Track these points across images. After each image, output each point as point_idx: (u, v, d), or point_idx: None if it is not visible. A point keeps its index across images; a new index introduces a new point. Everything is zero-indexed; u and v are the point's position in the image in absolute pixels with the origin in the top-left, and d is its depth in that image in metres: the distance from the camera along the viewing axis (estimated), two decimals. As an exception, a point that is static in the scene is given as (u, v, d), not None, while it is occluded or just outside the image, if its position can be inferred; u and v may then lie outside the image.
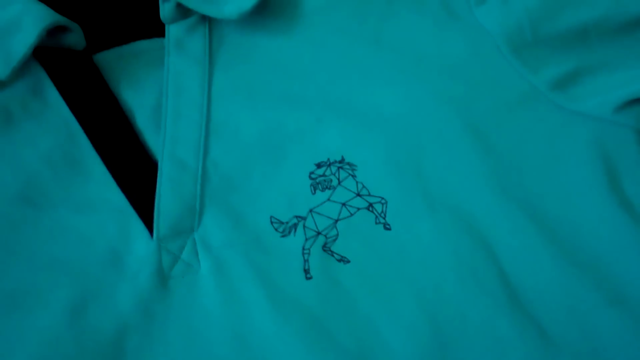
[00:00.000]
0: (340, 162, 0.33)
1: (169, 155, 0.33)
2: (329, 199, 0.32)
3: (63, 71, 0.35)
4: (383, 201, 0.32)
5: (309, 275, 0.31)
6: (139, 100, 0.35)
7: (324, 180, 0.33)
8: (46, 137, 0.34)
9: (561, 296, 0.30)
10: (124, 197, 0.32)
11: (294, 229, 0.32)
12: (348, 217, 0.32)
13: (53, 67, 0.35)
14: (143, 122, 0.35)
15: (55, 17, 0.33)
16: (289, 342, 0.29)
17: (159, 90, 0.35)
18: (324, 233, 0.31)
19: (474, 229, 0.31)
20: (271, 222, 0.32)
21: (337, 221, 0.32)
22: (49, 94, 0.35)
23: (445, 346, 0.29)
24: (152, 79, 0.36)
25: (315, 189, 0.32)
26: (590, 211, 0.31)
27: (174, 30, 0.36)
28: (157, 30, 0.36)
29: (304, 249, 0.31)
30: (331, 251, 0.31)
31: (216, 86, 0.35)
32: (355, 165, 0.33)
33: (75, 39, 0.35)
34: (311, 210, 0.32)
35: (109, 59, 0.36)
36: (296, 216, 0.32)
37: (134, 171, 0.33)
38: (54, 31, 0.34)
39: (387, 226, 0.31)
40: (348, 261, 0.31)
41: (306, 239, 0.31)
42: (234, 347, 0.30)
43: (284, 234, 0.32)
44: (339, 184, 0.32)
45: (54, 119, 0.34)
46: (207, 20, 0.36)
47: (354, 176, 0.32)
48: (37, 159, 0.33)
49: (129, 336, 0.30)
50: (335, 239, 0.31)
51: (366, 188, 0.32)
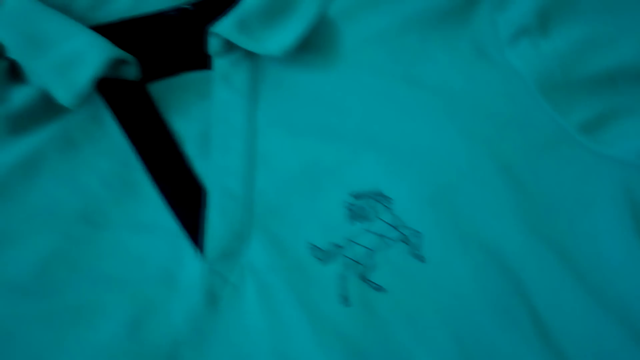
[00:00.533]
0: (376, 194, 0.35)
1: (217, 183, 0.35)
2: (366, 230, 0.34)
3: (119, 100, 0.38)
4: (418, 234, 0.34)
5: (346, 302, 0.33)
6: (187, 128, 0.38)
7: (361, 212, 0.35)
8: (104, 161, 0.37)
9: (589, 334, 0.32)
10: (174, 220, 0.35)
11: (332, 257, 0.34)
12: (384, 248, 0.34)
13: (111, 96, 0.38)
14: (191, 148, 0.37)
15: (116, 52, 0.36)
16: (327, 364, 0.32)
17: (206, 119, 0.37)
18: (361, 262, 0.34)
19: (506, 265, 0.33)
20: (311, 250, 0.34)
21: (373, 251, 0.34)
22: (106, 121, 0.37)
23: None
24: (200, 108, 0.38)
25: (352, 219, 0.35)
26: (617, 252, 0.33)
27: (220, 64, 0.38)
28: (205, 63, 0.39)
29: (342, 276, 0.33)
30: (368, 280, 0.33)
31: (260, 118, 0.37)
32: (391, 199, 0.35)
33: (132, 70, 0.37)
34: (349, 240, 0.34)
35: (161, 89, 0.38)
36: (334, 245, 0.34)
37: (184, 196, 0.36)
38: (113, 63, 0.37)
39: (422, 259, 0.34)
40: (384, 290, 0.33)
41: (344, 267, 0.34)
42: (276, 366, 0.32)
43: (323, 261, 0.34)
44: (376, 216, 0.35)
45: (111, 144, 0.37)
46: (251, 55, 0.38)
47: (389, 209, 0.35)
48: (96, 182, 0.36)
49: (181, 351, 0.32)
50: (371, 269, 0.33)
51: (401, 221, 0.34)
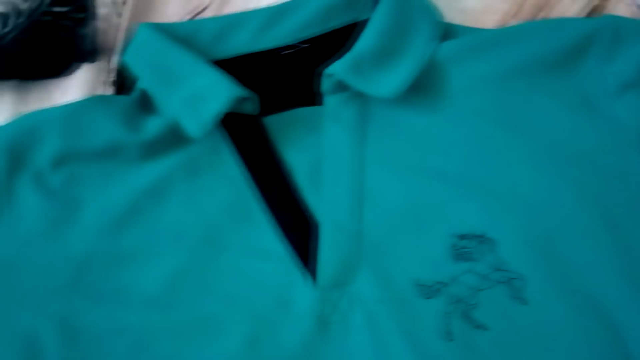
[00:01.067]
0: (481, 237, 0.37)
1: (327, 215, 0.38)
2: (470, 270, 0.36)
3: (238, 132, 0.41)
4: (520, 277, 0.35)
5: (450, 337, 0.35)
6: (298, 160, 0.40)
7: (466, 252, 0.37)
8: (223, 189, 0.40)
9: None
10: (287, 248, 0.38)
11: (436, 294, 0.36)
12: (487, 288, 0.36)
13: (230, 128, 0.41)
14: (302, 180, 0.40)
15: (240, 91, 0.39)
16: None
17: (315, 153, 0.40)
18: (463, 300, 0.36)
19: (603, 313, 0.34)
20: (416, 285, 0.36)
21: (476, 291, 0.36)
22: (226, 151, 0.40)
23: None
24: (310, 142, 0.41)
25: (457, 259, 0.37)
26: None
27: (331, 102, 0.40)
28: (316, 100, 0.41)
29: (445, 312, 0.35)
30: (470, 318, 0.35)
31: (367, 155, 0.40)
32: (495, 241, 0.36)
33: (252, 106, 0.40)
34: (453, 278, 0.36)
35: (274, 122, 0.41)
36: (438, 282, 0.36)
37: (296, 225, 0.38)
38: (236, 100, 0.39)
39: (523, 301, 0.35)
40: (486, 329, 0.35)
41: (448, 304, 0.36)
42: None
43: (427, 296, 0.36)
44: (480, 257, 0.36)
45: (230, 173, 0.40)
46: (361, 95, 0.40)
47: (493, 251, 0.36)
48: (216, 207, 0.39)
49: (295, 370, 0.36)
50: (474, 307, 0.35)
51: (504, 263, 0.36)
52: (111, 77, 0.44)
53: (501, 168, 0.38)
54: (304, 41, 0.43)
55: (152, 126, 0.40)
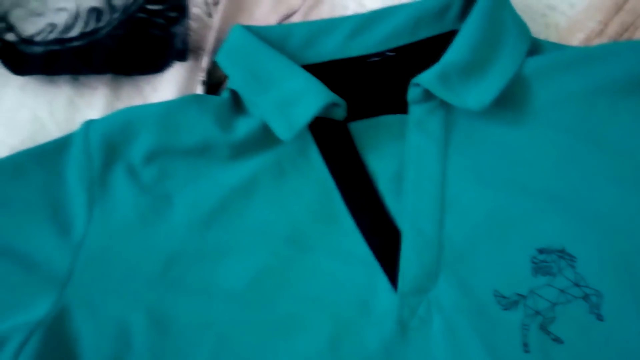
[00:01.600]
0: (560, 251, 0.38)
1: (410, 223, 0.39)
2: (548, 284, 0.37)
3: (324, 136, 0.42)
4: (598, 294, 0.37)
5: (527, 349, 0.36)
6: (381, 167, 0.42)
7: (545, 266, 0.38)
8: (308, 191, 0.41)
9: None
10: (369, 252, 0.39)
11: (515, 305, 0.37)
12: (564, 303, 0.37)
13: (317, 132, 0.42)
14: (384, 186, 0.41)
15: (331, 97, 0.40)
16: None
17: (399, 160, 0.41)
18: (541, 313, 0.37)
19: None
20: (495, 296, 0.37)
21: (554, 305, 0.37)
22: (312, 154, 0.42)
23: None
24: (394, 150, 0.42)
25: (536, 272, 0.38)
26: None
27: (416, 111, 0.42)
28: (401, 108, 0.42)
29: (523, 324, 0.37)
30: (547, 330, 0.36)
31: (450, 165, 0.41)
32: (575, 257, 0.37)
33: (340, 111, 0.42)
34: (532, 291, 0.37)
35: (359, 129, 0.43)
36: (517, 294, 0.37)
37: (378, 230, 0.40)
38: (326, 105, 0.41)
39: (600, 317, 0.36)
40: (562, 342, 0.36)
41: (526, 316, 0.37)
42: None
43: (505, 307, 0.37)
44: (559, 271, 0.37)
45: (315, 175, 0.41)
46: (446, 105, 0.41)
47: (572, 267, 0.37)
48: (301, 208, 0.41)
49: (374, 372, 0.37)
50: (551, 321, 0.37)
51: (583, 279, 0.37)
52: (202, 77, 0.45)
53: (583, 184, 0.39)
54: (391, 50, 0.44)
55: (243, 127, 0.42)
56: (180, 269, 0.39)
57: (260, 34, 0.43)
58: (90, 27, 0.47)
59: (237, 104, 0.43)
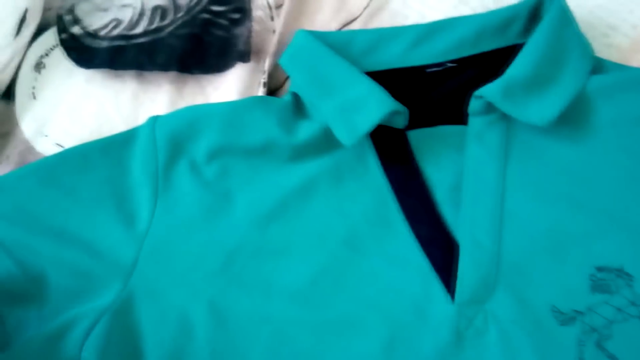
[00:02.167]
0: (619, 270, 0.38)
1: (467, 234, 0.40)
2: (606, 302, 0.37)
3: (384, 143, 0.43)
4: (656, 314, 0.37)
5: (583, 365, 0.37)
6: (438, 177, 0.42)
7: (604, 284, 0.38)
8: (365, 196, 0.42)
9: None
10: (425, 260, 0.40)
11: (572, 321, 0.37)
12: (621, 321, 0.37)
13: (377, 139, 0.42)
14: (441, 196, 0.41)
15: (395, 105, 0.40)
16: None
17: (456, 171, 0.42)
18: (598, 330, 0.37)
19: None
20: (552, 311, 0.38)
21: (611, 322, 0.37)
22: (370, 160, 0.42)
23: None
24: (451, 160, 0.42)
25: (594, 290, 0.38)
26: None
27: (476, 123, 0.42)
28: (459, 119, 0.43)
29: (579, 340, 0.37)
30: (603, 348, 0.37)
31: (508, 178, 0.41)
32: (632, 276, 0.38)
33: (400, 119, 0.42)
34: (589, 308, 0.37)
35: (418, 137, 0.43)
36: (575, 310, 0.38)
37: (434, 239, 0.40)
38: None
39: (657, 337, 0.37)
40: (617, 359, 0.36)
41: (582, 332, 0.37)
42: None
43: (562, 323, 0.37)
44: (617, 290, 0.38)
45: (372, 181, 0.42)
46: (506, 118, 0.42)
47: (630, 286, 0.38)
48: (357, 213, 0.41)
49: (429, 380, 0.38)
50: (608, 338, 0.37)
51: (641, 299, 0.38)
52: (263, 79, 0.46)
53: (642, 205, 0.40)
54: (452, 61, 0.44)
55: (304, 130, 0.42)
56: (240, 264, 0.40)
57: (323, 39, 0.44)
58: (154, 25, 0.49)
59: (298, 107, 0.44)
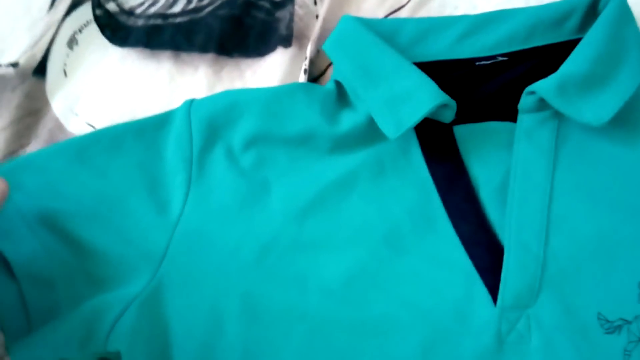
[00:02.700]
0: (670, 280, 0.37)
1: (514, 235, 0.38)
2: (654, 312, 0.37)
3: (429, 137, 0.41)
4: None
5: (628, 375, 0.36)
6: (484, 174, 0.41)
7: (653, 294, 0.37)
8: (408, 192, 0.40)
9: None
10: (468, 261, 0.38)
11: (618, 330, 0.36)
12: (670, 332, 0.36)
13: (422, 132, 0.41)
14: (486, 195, 0.40)
15: (444, 98, 0.39)
16: None
17: (503, 169, 0.40)
18: (646, 341, 0.36)
19: None
20: (598, 318, 0.37)
21: (660, 334, 0.36)
22: (414, 155, 0.41)
23: None
24: (498, 158, 0.41)
25: (643, 299, 0.37)
26: None
27: (526, 120, 0.40)
28: (509, 115, 0.41)
29: (625, 350, 0.36)
30: (648, 358, 0.36)
31: (558, 179, 0.40)
32: (683, 287, 0.37)
33: (447, 113, 0.40)
34: (637, 317, 0.36)
35: (465, 133, 0.42)
36: (622, 319, 0.36)
37: (478, 240, 0.39)
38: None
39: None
40: (662, 372, 0.36)
41: (629, 342, 0.36)
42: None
43: (608, 331, 0.36)
44: (667, 301, 0.37)
45: (416, 177, 0.41)
46: (558, 117, 0.40)
47: (681, 297, 0.37)
48: (399, 209, 0.40)
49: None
50: (655, 349, 0.36)
51: (692, 312, 0.36)
52: (305, 65, 0.45)
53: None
54: (503, 54, 0.43)
55: (347, 120, 0.41)
56: (275, 258, 0.39)
57: (370, 26, 0.42)
58: (192, 5, 0.47)
59: (340, 96, 0.42)
